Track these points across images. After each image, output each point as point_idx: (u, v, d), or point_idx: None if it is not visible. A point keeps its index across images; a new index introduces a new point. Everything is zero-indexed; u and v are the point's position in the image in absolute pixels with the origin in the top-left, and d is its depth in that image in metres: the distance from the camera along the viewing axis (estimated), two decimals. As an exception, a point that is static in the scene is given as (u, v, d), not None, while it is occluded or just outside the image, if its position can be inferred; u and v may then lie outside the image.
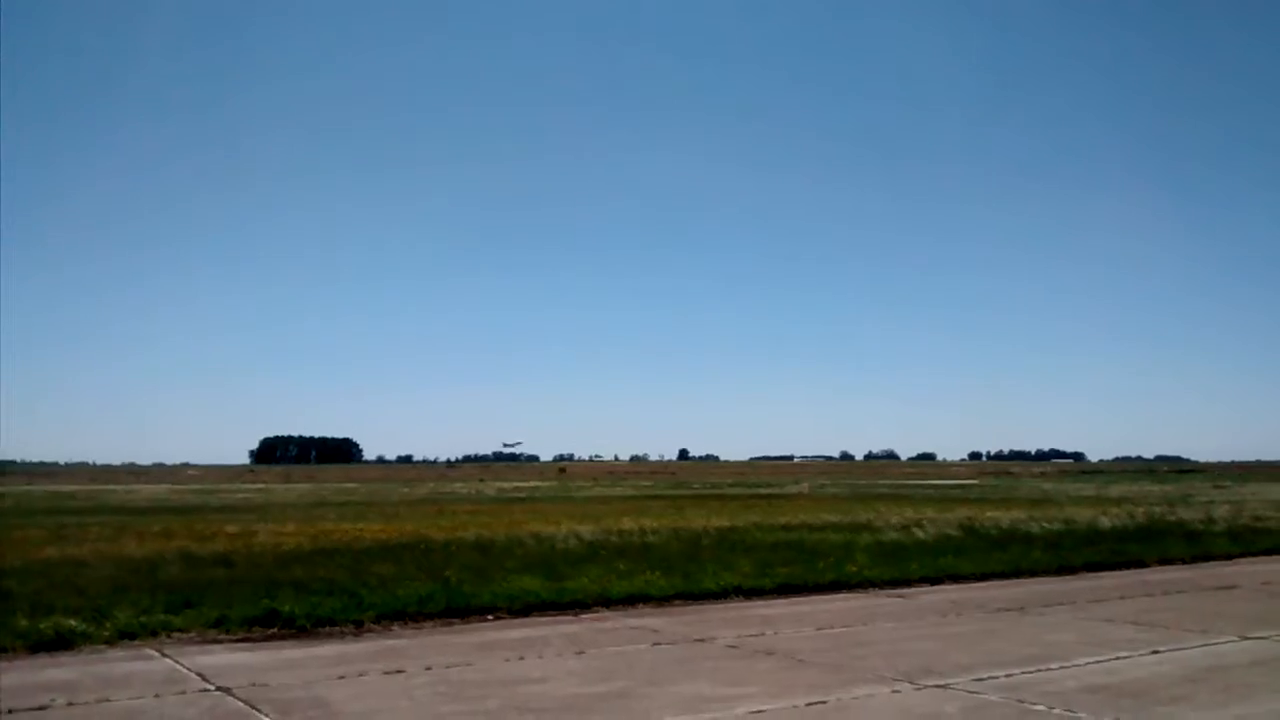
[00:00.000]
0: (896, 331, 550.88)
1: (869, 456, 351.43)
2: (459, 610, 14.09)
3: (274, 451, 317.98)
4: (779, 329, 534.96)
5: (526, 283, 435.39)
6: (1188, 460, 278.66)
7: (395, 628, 13.24)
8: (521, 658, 11.14)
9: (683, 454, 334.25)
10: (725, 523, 27.53)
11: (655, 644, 12.03)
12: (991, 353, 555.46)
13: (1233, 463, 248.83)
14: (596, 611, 14.55)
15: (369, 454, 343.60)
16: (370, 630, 13.06)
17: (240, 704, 8.95)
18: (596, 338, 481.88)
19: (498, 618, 13.99)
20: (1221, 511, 32.39)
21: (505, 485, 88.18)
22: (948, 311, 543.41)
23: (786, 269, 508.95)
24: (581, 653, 11.48)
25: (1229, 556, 21.89)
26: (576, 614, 14.33)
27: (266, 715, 8.55)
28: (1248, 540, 24.39)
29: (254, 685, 9.63)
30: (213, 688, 9.51)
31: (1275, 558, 22.13)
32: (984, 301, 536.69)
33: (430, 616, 13.79)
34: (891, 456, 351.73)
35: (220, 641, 12.16)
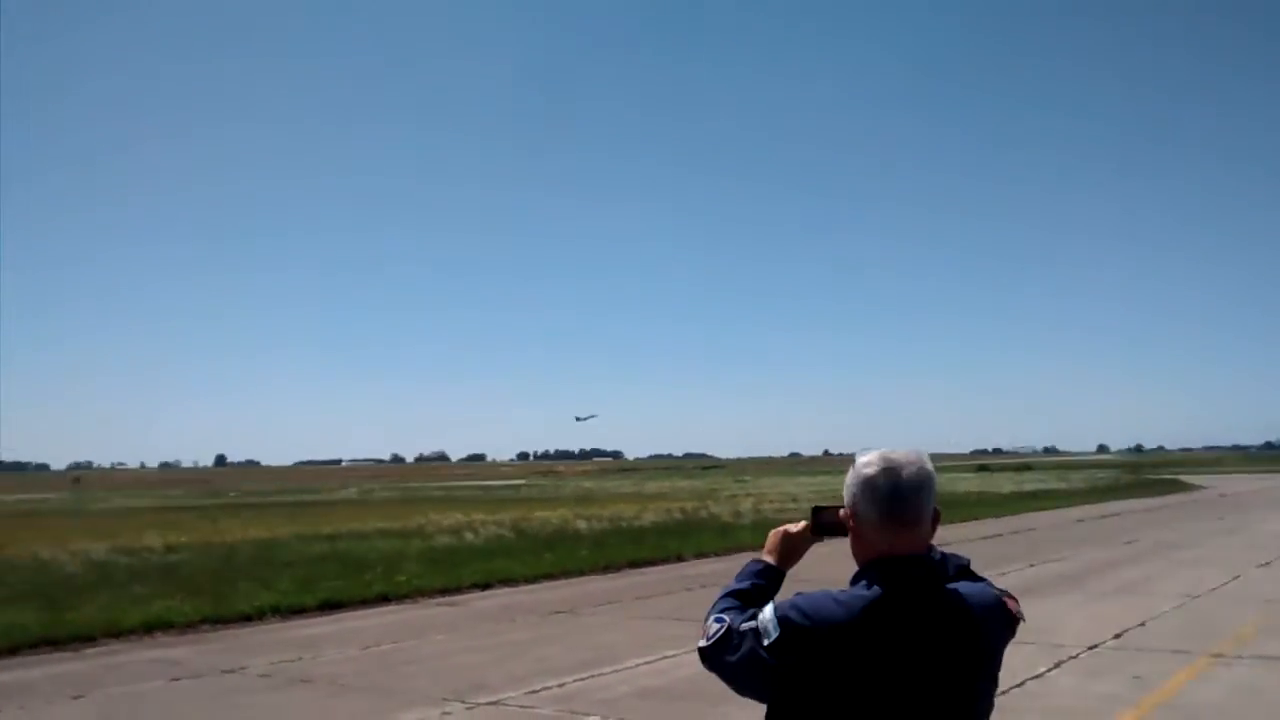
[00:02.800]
0: (443, 334, 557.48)
1: (420, 459, 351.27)
2: (-80, 656, 11.58)
3: None
4: (325, 326, 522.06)
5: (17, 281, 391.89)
6: (711, 457, 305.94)
7: None
8: (-3, 711, 9.20)
9: (220, 460, 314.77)
10: (265, 534, 25.57)
11: (174, 679, 10.47)
12: (534, 355, 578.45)
13: (748, 458, 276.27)
14: (106, 645, 12.59)
15: None
16: None
17: None
18: (114, 333, 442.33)
19: (-26, 661, 11.65)
20: (746, 505, 35.05)
21: (4, 499, 77.47)
22: (494, 314, 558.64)
23: (345, 272, 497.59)
24: (80, 697, 9.72)
25: (756, 547, 23.41)
26: (79, 650, 12.30)
27: None
28: (771, 531, 26.39)
29: None
30: None
31: (793, 547, 24.06)
32: (525, 304, 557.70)
33: (-121, 667, 11.20)
34: (443, 458, 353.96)
35: None
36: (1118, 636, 11.79)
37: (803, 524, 2.47)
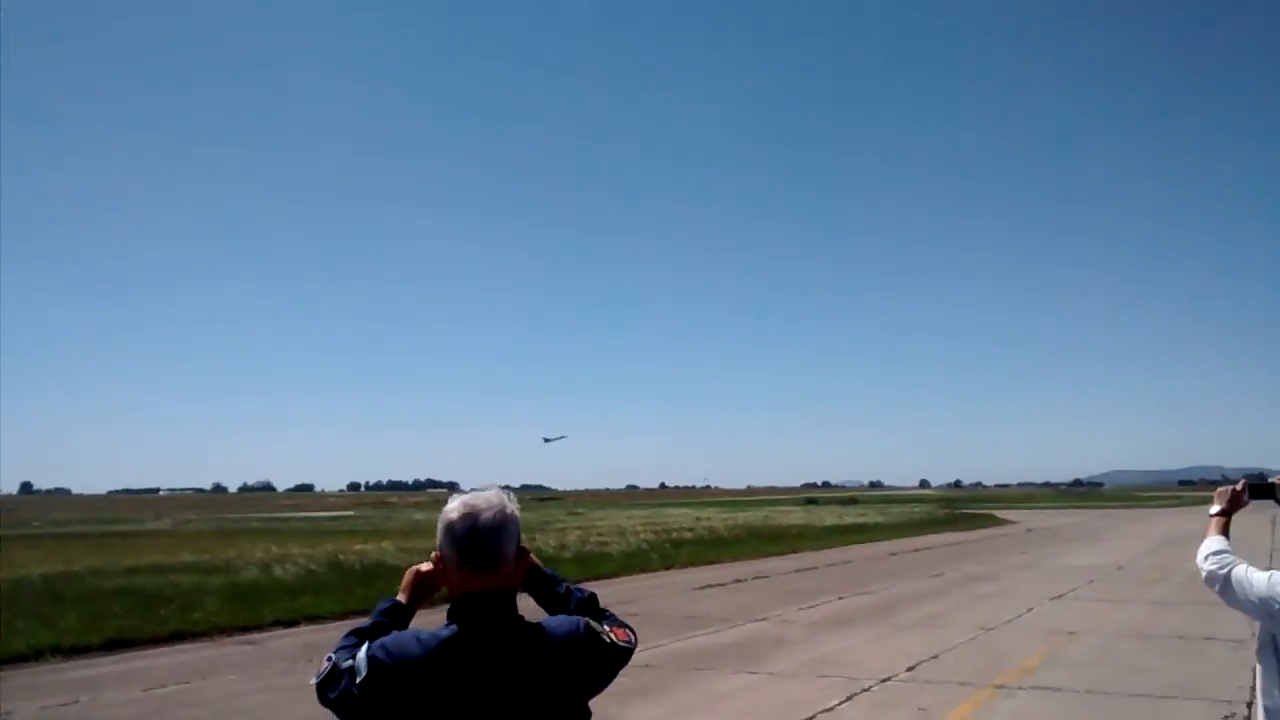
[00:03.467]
0: (266, 359, 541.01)
1: (244, 489, 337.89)
2: None
3: None
4: (146, 349, 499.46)
5: None
6: (549, 489, 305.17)
7: None
8: None
9: (25, 487, 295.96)
10: (60, 567, 24.07)
11: (-75, 728, 9.67)
12: (371, 385, 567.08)
13: (586, 490, 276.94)
14: None
15: None
16: None
17: None
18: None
19: None
20: (573, 537, 34.85)
21: None
22: (327, 343, 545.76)
23: (163, 295, 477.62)
24: None
25: (576, 581, 23.22)
26: None
27: None
28: (594, 564, 26.33)
29: None
30: None
31: (614, 580, 24.07)
32: (360, 335, 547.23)
33: None
34: (269, 488, 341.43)
35: None
36: (911, 669, 12.14)
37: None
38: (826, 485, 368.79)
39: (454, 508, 2.39)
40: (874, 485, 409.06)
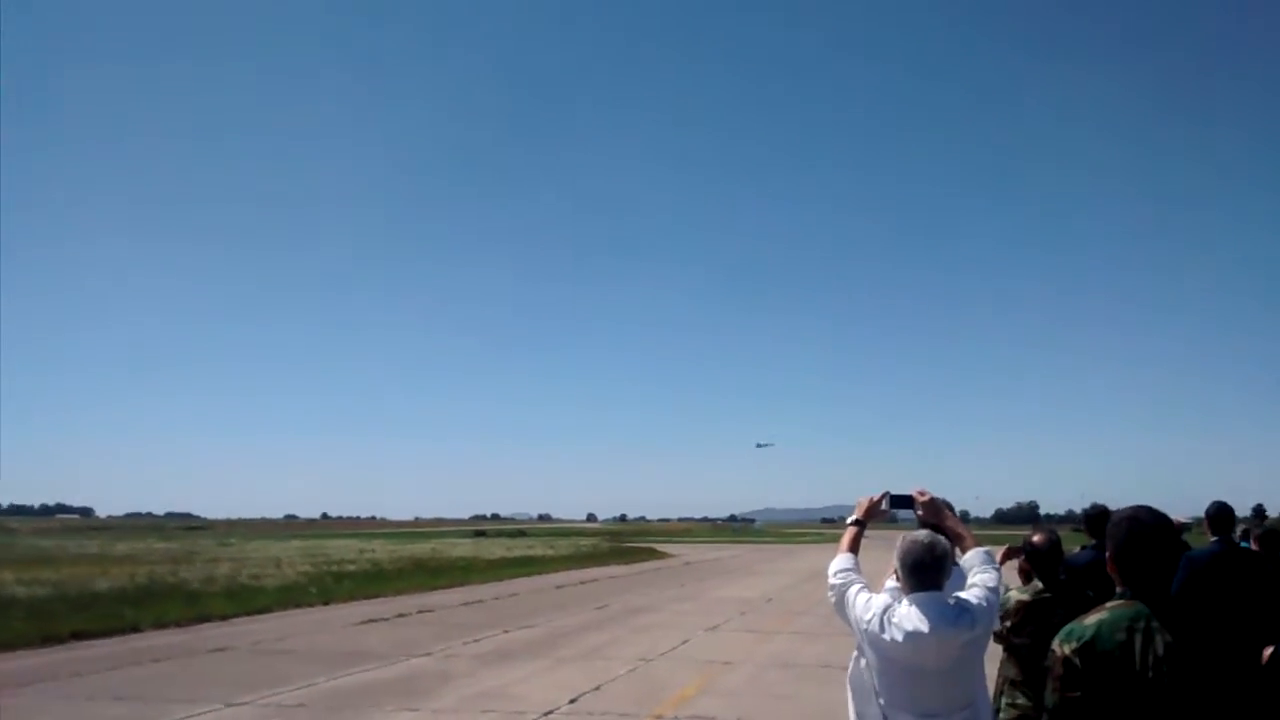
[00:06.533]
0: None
1: None
2: None
3: None
4: None
5: None
6: (197, 517, 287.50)
7: None
8: None
9: None
10: None
11: None
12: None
13: (239, 519, 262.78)
14: None
15: None
16: None
17: None
18: None
19: None
20: (223, 570, 32.77)
21: None
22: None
23: None
24: None
25: (226, 617, 21.77)
26: None
27: None
28: (245, 599, 24.73)
29: None
30: None
31: (268, 615, 22.67)
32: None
33: None
34: None
35: None
36: (573, 701, 12.20)
37: None
38: (496, 517, 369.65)
39: None
40: (543, 518, 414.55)
